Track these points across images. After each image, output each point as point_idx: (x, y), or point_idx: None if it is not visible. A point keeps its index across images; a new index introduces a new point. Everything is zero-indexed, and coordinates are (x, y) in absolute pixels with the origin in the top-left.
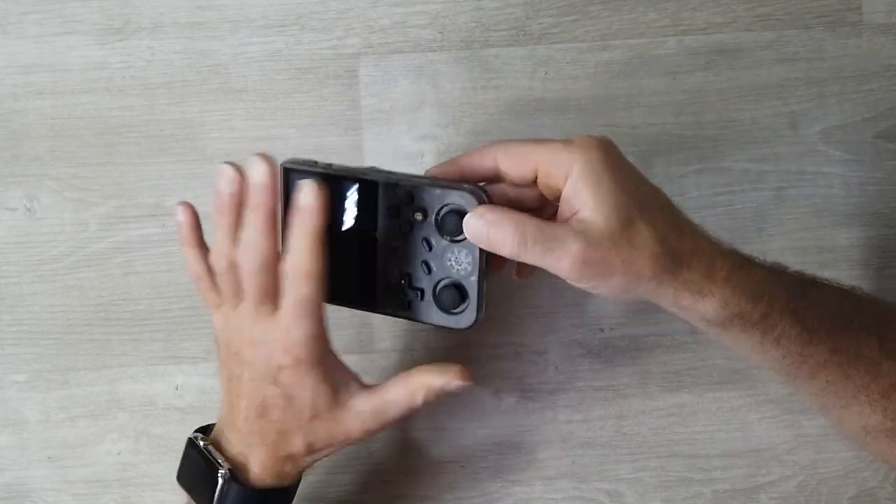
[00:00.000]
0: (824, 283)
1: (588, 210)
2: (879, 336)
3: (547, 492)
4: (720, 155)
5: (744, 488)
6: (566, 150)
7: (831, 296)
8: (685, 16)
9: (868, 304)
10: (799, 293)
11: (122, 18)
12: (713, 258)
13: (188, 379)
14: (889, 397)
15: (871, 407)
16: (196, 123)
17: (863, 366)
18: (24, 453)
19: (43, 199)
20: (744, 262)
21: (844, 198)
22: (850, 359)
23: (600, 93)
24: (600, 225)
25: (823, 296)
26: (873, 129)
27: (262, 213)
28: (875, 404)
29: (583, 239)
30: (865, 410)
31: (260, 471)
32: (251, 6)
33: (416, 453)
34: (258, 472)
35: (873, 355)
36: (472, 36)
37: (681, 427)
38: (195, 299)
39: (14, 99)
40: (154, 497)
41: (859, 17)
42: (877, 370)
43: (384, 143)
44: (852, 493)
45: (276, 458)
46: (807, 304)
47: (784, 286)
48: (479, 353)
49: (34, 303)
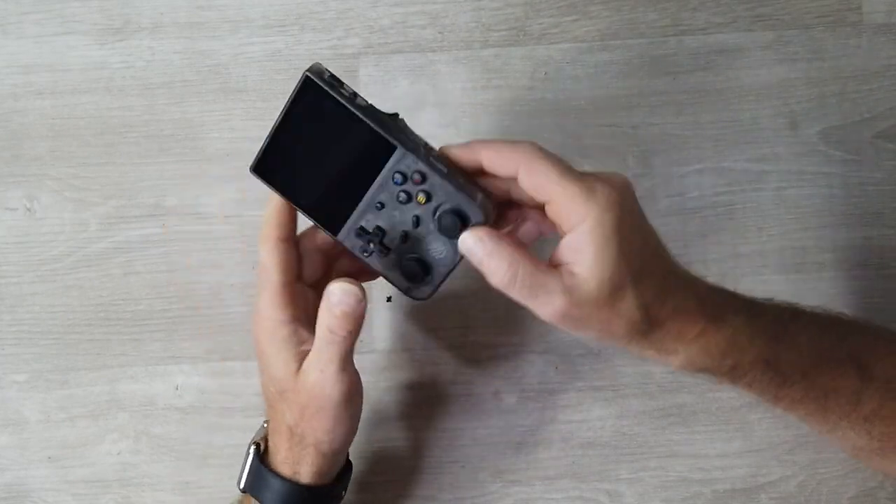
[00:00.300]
0: (806, 318)
1: (584, 269)
2: (861, 364)
3: (547, 492)
4: (720, 155)
5: (744, 488)
6: (584, 202)
7: (811, 333)
8: (685, 16)
9: (851, 332)
10: (774, 339)
11: (122, 18)
12: (689, 318)
13: (188, 379)
14: (872, 422)
15: (854, 432)
16: (196, 123)
17: (842, 398)
18: (24, 453)
19: (43, 199)
20: (720, 314)
21: (844, 198)
22: (826, 393)
23: (600, 93)
24: (591, 288)
25: (802, 335)
26: (873, 129)
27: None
28: (859, 429)
29: (569, 297)
30: (850, 434)
31: (281, 456)
32: (251, 6)
33: (416, 453)
34: (279, 458)
35: (853, 386)
36: (472, 36)
37: (681, 427)
38: (195, 299)
39: (14, 99)
40: (154, 497)
41: (859, 17)
42: (857, 399)
43: None
44: (852, 494)
45: (285, 439)
46: (782, 349)
47: (760, 333)
48: (480, 354)
49: (34, 303)
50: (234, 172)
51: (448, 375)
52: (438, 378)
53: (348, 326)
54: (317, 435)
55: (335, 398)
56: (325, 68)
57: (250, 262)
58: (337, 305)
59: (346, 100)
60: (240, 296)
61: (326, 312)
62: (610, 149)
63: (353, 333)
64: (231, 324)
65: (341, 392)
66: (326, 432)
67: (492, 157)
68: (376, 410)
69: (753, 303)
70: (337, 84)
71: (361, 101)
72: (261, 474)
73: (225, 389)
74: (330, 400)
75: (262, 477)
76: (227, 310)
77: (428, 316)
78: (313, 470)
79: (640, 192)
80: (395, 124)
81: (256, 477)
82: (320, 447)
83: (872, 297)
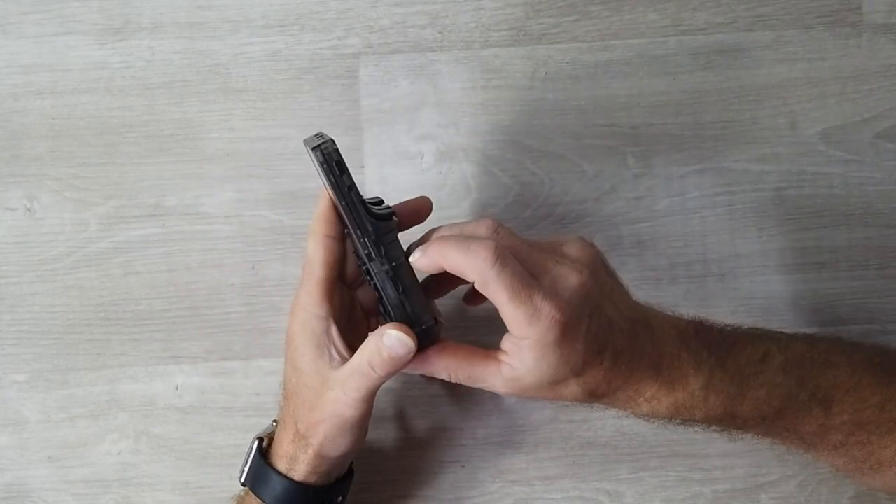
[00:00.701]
0: (774, 364)
1: (524, 370)
2: (826, 403)
3: (547, 492)
4: (720, 155)
5: (744, 488)
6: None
7: (775, 381)
8: (685, 16)
9: (821, 369)
10: (731, 398)
11: (122, 18)
12: (641, 385)
13: (188, 379)
14: (840, 449)
15: (826, 460)
16: (196, 123)
17: (806, 436)
18: (24, 453)
19: (43, 199)
20: (678, 378)
21: (844, 198)
22: (790, 436)
23: (600, 93)
24: (531, 382)
25: (762, 388)
26: (873, 130)
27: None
28: (829, 454)
29: (510, 386)
30: (822, 460)
31: (282, 450)
32: (251, 6)
33: (416, 453)
34: (280, 452)
35: (816, 425)
36: (472, 36)
37: (681, 427)
38: (195, 299)
39: (14, 99)
40: (154, 497)
41: (859, 18)
42: (824, 432)
43: (384, 143)
44: (852, 493)
45: (290, 433)
46: (737, 404)
47: (718, 392)
48: None
49: (34, 303)
50: (234, 172)
51: None
52: (438, 378)
53: (388, 370)
54: (320, 438)
55: (346, 418)
56: (336, 149)
57: (250, 262)
58: (387, 348)
59: (336, 188)
60: (240, 296)
61: (374, 348)
62: (610, 149)
63: (389, 377)
64: (231, 324)
65: (354, 417)
66: (330, 439)
67: (452, 268)
68: (376, 410)
69: (724, 352)
70: (338, 171)
71: (356, 193)
72: (261, 469)
73: (225, 389)
74: (340, 418)
75: (261, 472)
76: (227, 310)
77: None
78: (309, 469)
79: (640, 192)
80: (378, 224)
81: (256, 472)
82: (321, 450)
83: (872, 297)
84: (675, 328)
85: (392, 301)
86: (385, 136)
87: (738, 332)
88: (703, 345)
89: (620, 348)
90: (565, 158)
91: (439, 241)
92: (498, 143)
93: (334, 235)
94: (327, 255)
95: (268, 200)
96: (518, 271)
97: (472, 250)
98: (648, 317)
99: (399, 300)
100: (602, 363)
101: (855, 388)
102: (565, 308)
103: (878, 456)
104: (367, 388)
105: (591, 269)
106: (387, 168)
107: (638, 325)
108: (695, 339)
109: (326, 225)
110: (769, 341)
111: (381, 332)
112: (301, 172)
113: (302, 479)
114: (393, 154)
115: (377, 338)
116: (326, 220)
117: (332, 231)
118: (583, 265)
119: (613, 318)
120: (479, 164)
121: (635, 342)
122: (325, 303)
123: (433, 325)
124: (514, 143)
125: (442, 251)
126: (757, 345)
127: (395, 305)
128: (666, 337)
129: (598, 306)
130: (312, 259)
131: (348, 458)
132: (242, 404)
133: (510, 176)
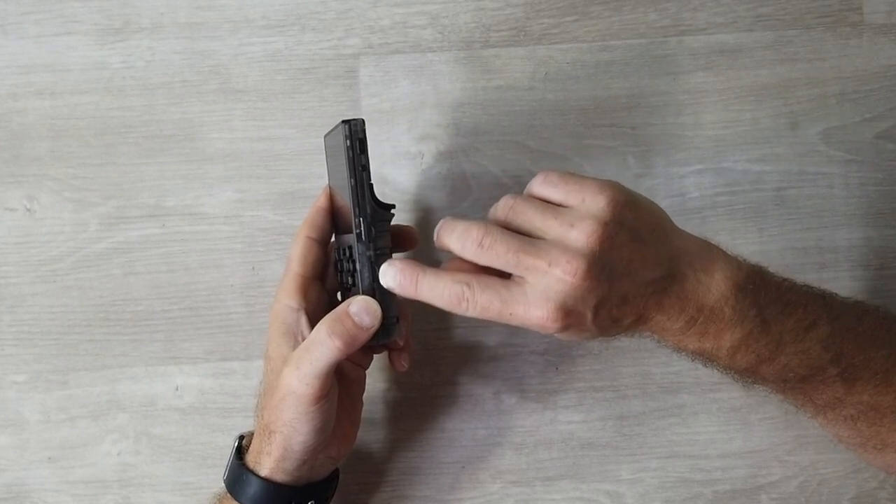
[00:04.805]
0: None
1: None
2: (851, 382)
3: (547, 492)
4: (720, 155)
5: (744, 489)
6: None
7: (808, 351)
8: (685, 16)
9: (861, 348)
10: (764, 355)
11: (122, 18)
12: (665, 333)
13: (188, 379)
14: (847, 422)
15: (832, 428)
16: (196, 123)
17: (820, 403)
18: (24, 453)
19: (43, 199)
20: (712, 330)
21: (845, 198)
22: (803, 399)
23: (600, 93)
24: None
25: (795, 355)
26: (873, 130)
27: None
28: (834, 427)
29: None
30: (828, 427)
31: (253, 446)
32: (251, 6)
33: (416, 453)
34: (251, 448)
35: (833, 397)
36: (472, 36)
37: (681, 427)
38: (195, 299)
39: (14, 99)
40: (154, 497)
41: (860, 18)
42: (838, 404)
43: (384, 143)
44: (853, 494)
45: (259, 428)
46: (767, 365)
47: (747, 350)
48: (480, 354)
49: (34, 303)
50: (234, 172)
51: (448, 375)
52: (438, 378)
53: (348, 340)
54: (279, 425)
55: (300, 395)
56: (363, 129)
57: (250, 262)
58: (353, 315)
59: (351, 163)
60: (240, 296)
61: (336, 317)
62: (610, 149)
63: (344, 351)
64: (231, 324)
65: (307, 395)
66: (289, 424)
67: (424, 300)
68: (376, 410)
69: (775, 313)
70: (359, 149)
71: (367, 175)
72: (234, 466)
73: (225, 390)
74: (295, 395)
75: (235, 469)
76: (227, 310)
77: (428, 316)
78: (274, 465)
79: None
80: (377, 211)
81: (232, 469)
82: (284, 441)
83: (873, 297)
84: (729, 280)
85: (365, 286)
86: (385, 136)
87: (794, 289)
88: (753, 303)
89: (642, 310)
90: (565, 158)
91: (413, 268)
92: (498, 143)
93: (316, 238)
94: (305, 252)
95: (268, 201)
96: (488, 299)
97: (438, 291)
98: (685, 268)
99: (372, 287)
100: (622, 326)
101: (885, 372)
102: (556, 312)
103: (885, 438)
104: (322, 362)
105: (599, 250)
106: (387, 168)
107: (665, 281)
108: (749, 295)
109: (311, 228)
110: (822, 308)
111: (347, 302)
112: (301, 173)
113: (268, 475)
114: (393, 154)
115: (342, 308)
116: (312, 224)
117: (315, 234)
118: (589, 249)
119: (629, 292)
120: (479, 164)
121: (664, 298)
122: (298, 295)
123: (396, 323)
124: (514, 143)
125: (413, 282)
126: (809, 310)
127: (367, 291)
128: (707, 289)
129: (605, 295)
130: (291, 256)
131: (315, 454)
132: (242, 405)
133: (510, 176)
